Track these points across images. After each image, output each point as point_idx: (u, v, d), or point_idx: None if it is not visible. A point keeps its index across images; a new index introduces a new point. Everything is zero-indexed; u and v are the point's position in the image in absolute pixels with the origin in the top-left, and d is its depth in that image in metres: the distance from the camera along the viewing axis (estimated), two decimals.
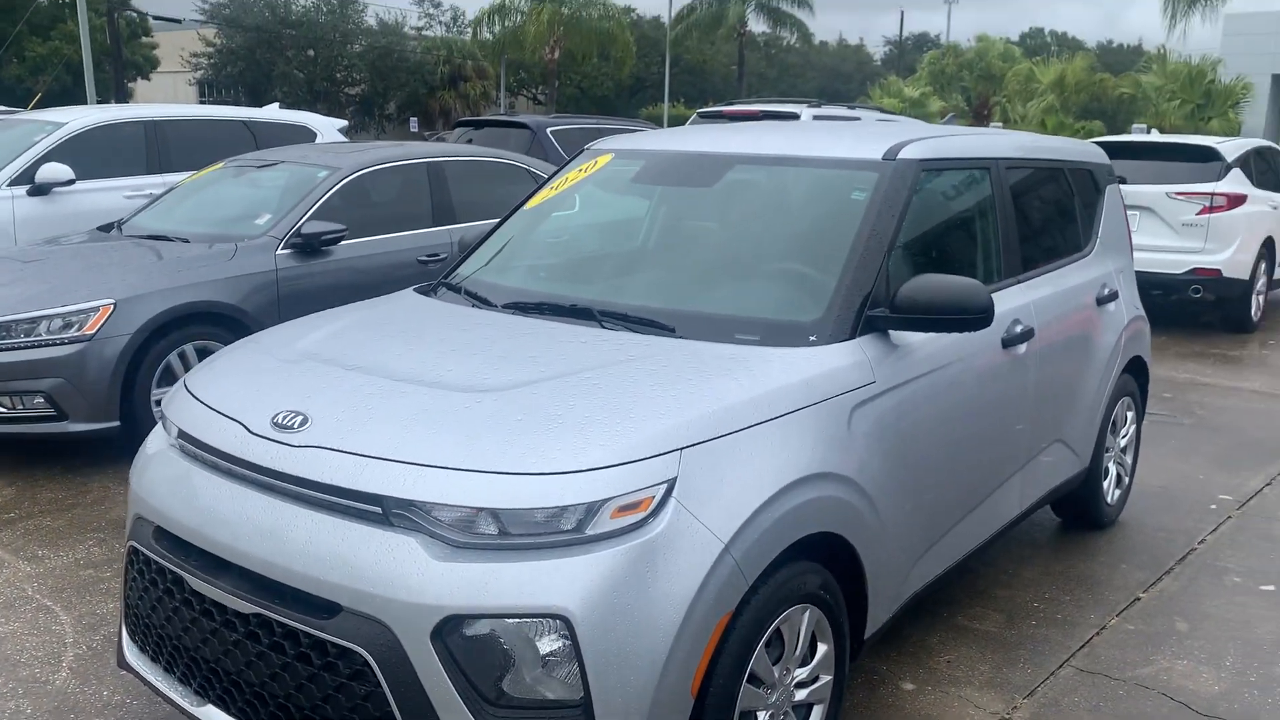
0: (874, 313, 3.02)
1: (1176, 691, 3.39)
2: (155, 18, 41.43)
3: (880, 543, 2.94)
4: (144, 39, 41.01)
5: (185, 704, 2.61)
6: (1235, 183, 9.39)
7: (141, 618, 2.75)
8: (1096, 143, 10.38)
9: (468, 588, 2.22)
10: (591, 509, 2.28)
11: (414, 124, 38.24)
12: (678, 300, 3.25)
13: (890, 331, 3.07)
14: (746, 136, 3.83)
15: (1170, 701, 3.33)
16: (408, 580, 2.25)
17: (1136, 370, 4.77)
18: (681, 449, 2.41)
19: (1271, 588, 4.18)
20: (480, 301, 3.37)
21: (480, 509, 2.28)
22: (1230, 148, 9.74)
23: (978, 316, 2.98)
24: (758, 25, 45.07)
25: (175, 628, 2.61)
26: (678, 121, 33.39)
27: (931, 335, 3.15)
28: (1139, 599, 4.07)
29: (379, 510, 2.33)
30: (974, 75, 37.28)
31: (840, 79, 65.80)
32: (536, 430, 2.40)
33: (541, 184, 4.08)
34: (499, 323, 3.15)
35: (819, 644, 2.79)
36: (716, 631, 2.38)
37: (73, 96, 31.32)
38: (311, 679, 2.35)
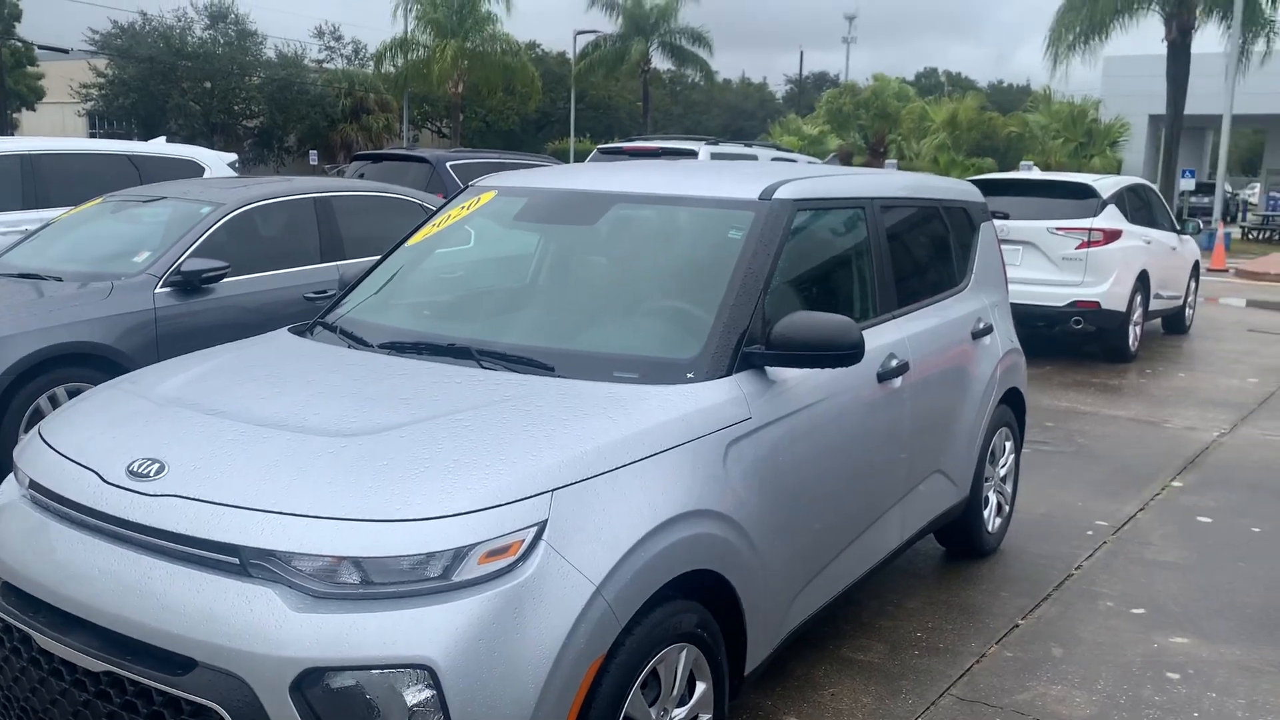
0: (750, 350, 3.05)
1: (1050, 716, 3.47)
2: (41, 47, 40.16)
3: (758, 579, 2.95)
4: (29, 69, 39.61)
5: None
6: (1111, 218, 9.80)
7: None
8: (984, 180, 10.78)
9: (328, 639, 2.16)
10: (458, 555, 2.24)
11: (314, 157, 37.67)
12: (558, 339, 3.24)
13: (766, 368, 3.11)
14: (629, 175, 3.85)
15: None
16: (265, 632, 2.17)
17: (1013, 401, 4.92)
18: (552, 491, 2.39)
19: (1142, 611, 4.32)
20: (356, 341, 3.31)
21: (342, 558, 2.22)
22: (1106, 185, 10.17)
23: (848, 352, 3.02)
24: (663, 63, 45.77)
25: (22, 689, 2.48)
26: (583, 156, 33.69)
27: (807, 371, 3.20)
28: (1018, 625, 4.16)
29: (236, 561, 2.26)
30: (870, 114, 38.39)
31: (743, 116, 67.05)
32: (402, 475, 2.35)
33: (424, 221, 4.04)
34: (373, 363, 3.10)
35: (697, 682, 2.79)
36: (588, 676, 2.36)
37: None
38: None
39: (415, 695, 2.17)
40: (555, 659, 2.27)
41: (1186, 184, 27.14)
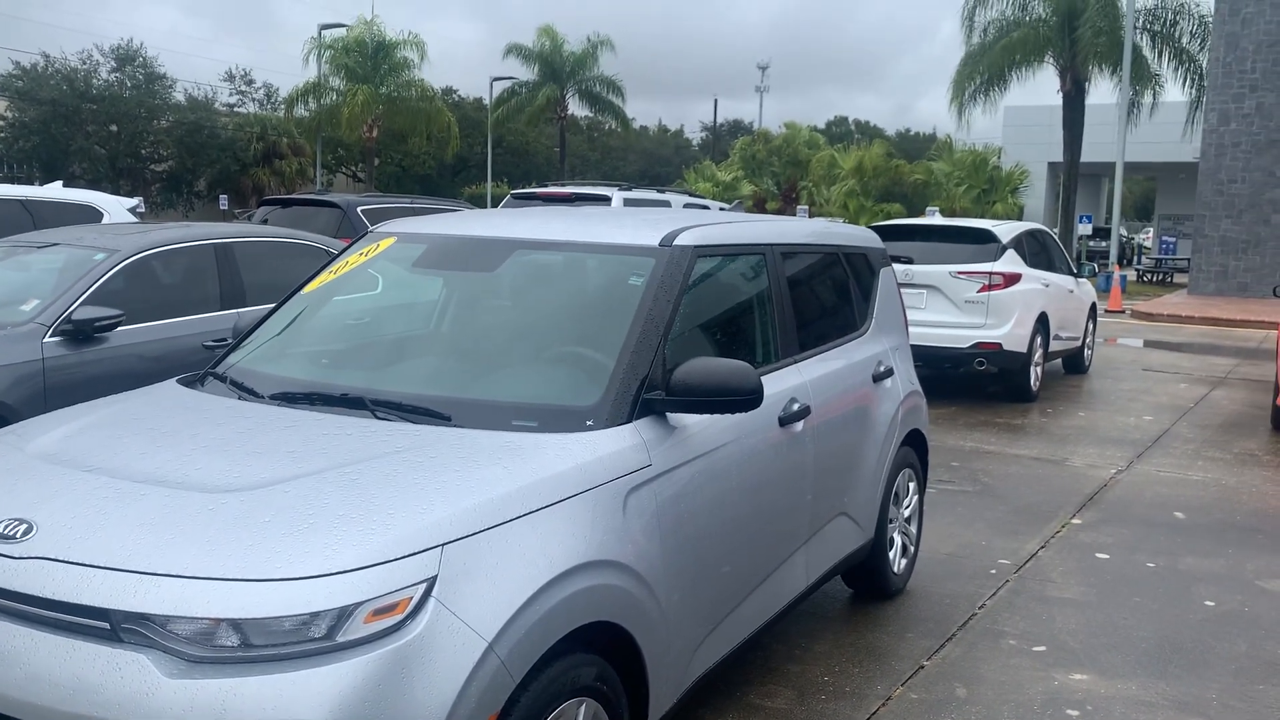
0: (650, 396, 3.05)
1: None
2: None
3: (660, 629, 2.92)
4: None
5: None
6: (1010, 262, 10.10)
7: None
8: (889, 225, 11.04)
9: (203, 707, 2.07)
10: (343, 614, 2.17)
11: (224, 201, 36.96)
12: (456, 387, 3.20)
13: (667, 414, 3.10)
14: (530, 222, 3.84)
15: None
16: (136, 702, 2.07)
17: (915, 443, 4.99)
18: (443, 545, 2.34)
19: (1043, 648, 4.39)
20: (246, 392, 3.22)
21: (220, 619, 2.14)
22: (1005, 230, 10.49)
23: (748, 398, 3.03)
24: (580, 110, 46.17)
25: None
26: (500, 201, 33.73)
27: (708, 416, 3.20)
28: (923, 667, 4.19)
29: (106, 626, 2.15)
30: (782, 161, 39.18)
31: (660, 162, 67.92)
32: (285, 532, 2.28)
33: (321, 267, 3.97)
34: (261, 415, 3.01)
35: None
36: None
37: None
38: None
39: None
40: (446, 719, 2.20)
41: (1084, 229, 28.20)
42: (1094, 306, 12.77)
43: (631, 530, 2.82)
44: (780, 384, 3.72)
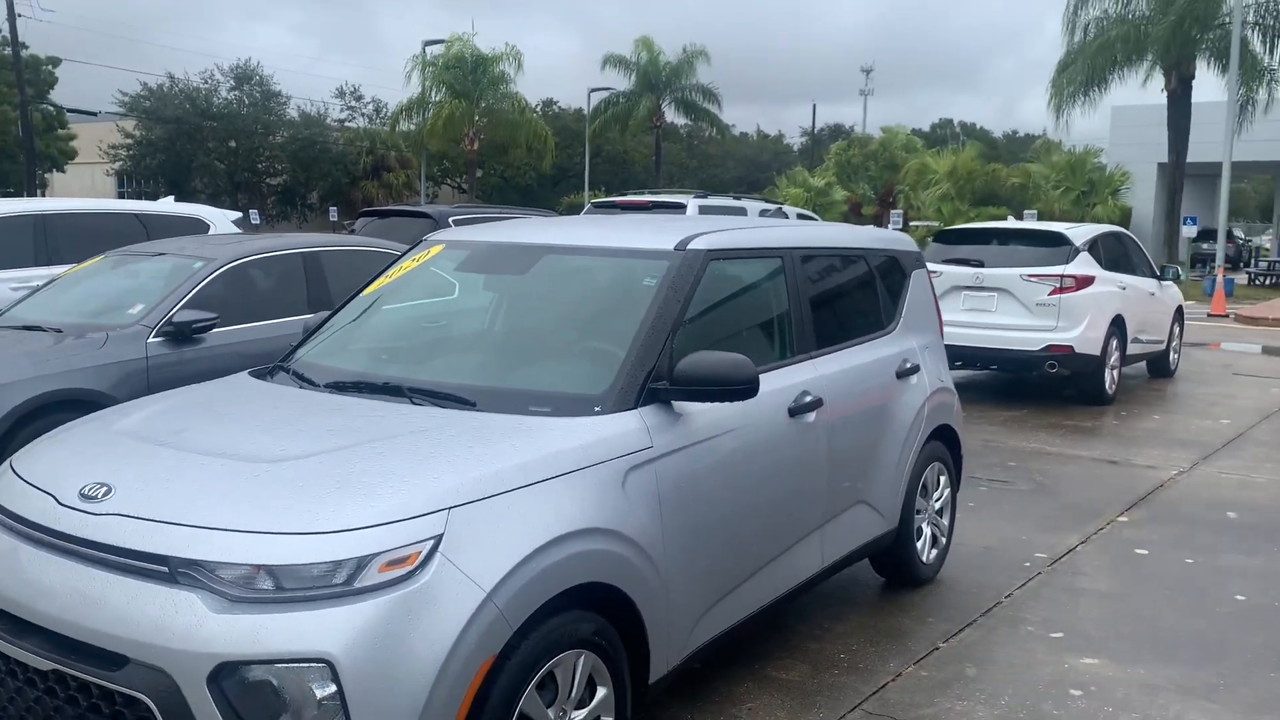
0: (656, 385, 3.37)
1: None
2: (71, 110, 41.43)
3: (660, 594, 3.23)
4: (59, 131, 40.86)
5: None
6: (1083, 265, 10.08)
7: None
8: (960, 229, 11.13)
9: (241, 636, 2.47)
10: (361, 563, 2.55)
11: (333, 213, 38.52)
12: (483, 377, 3.57)
13: (672, 402, 3.41)
14: (562, 229, 4.20)
15: None
16: (187, 631, 2.49)
17: (946, 438, 5.18)
18: (450, 508, 2.70)
19: (1060, 635, 4.55)
20: (305, 382, 3.65)
21: (259, 566, 2.54)
22: (1079, 233, 10.46)
23: (744, 387, 3.33)
24: (677, 118, 46.64)
25: None
26: None
27: (713, 405, 3.50)
28: (938, 649, 4.40)
29: (165, 570, 2.57)
30: (879, 165, 38.93)
31: (758, 168, 67.81)
32: (315, 494, 2.67)
33: (379, 272, 4.40)
34: (314, 401, 3.43)
35: (598, 687, 3.06)
36: (479, 673, 2.64)
37: None
38: None
39: (316, 686, 2.47)
40: (447, 656, 2.56)
41: (1188, 231, 27.36)
42: (1180, 310, 12.55)
43: (632, 504, 3.14)
44: (792, 378, 3.99)
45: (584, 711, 3.02)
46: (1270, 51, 27.09)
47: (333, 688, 2.47)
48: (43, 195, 37.03)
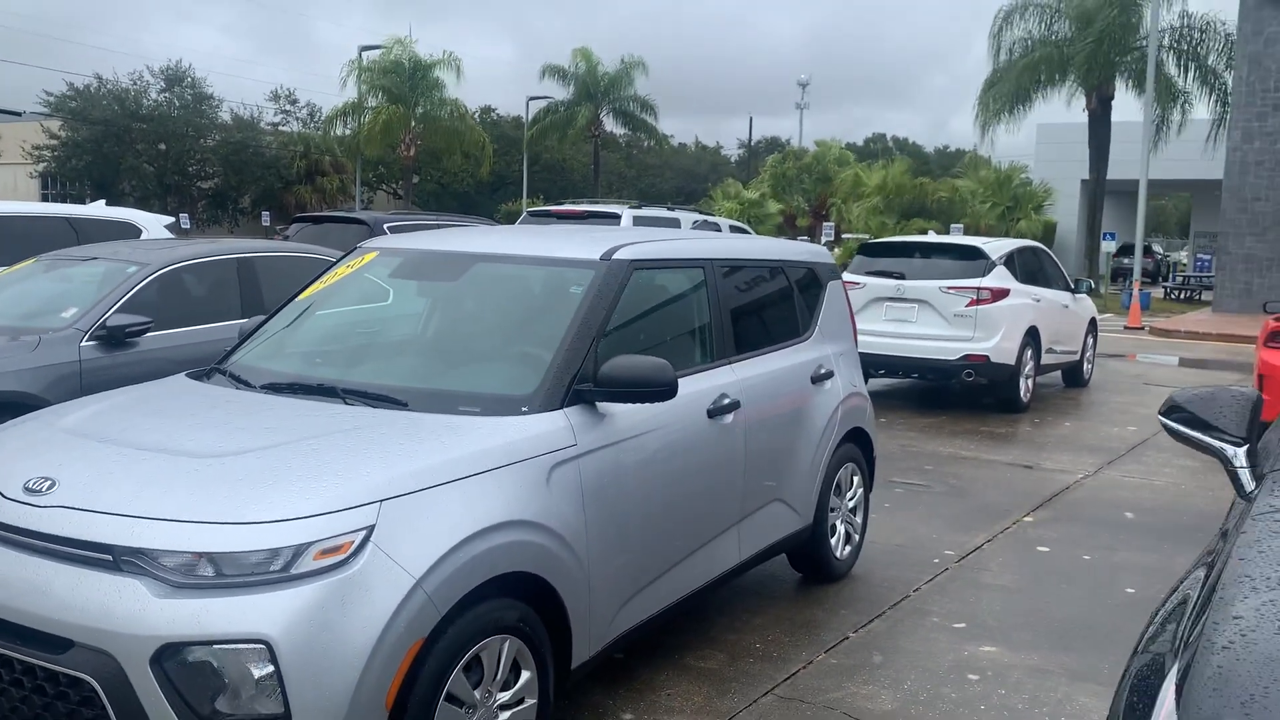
0: (581, 387, 3.57)
1: (855, 710, 3.96)
2: None
3: (582, 584, 3.43)
4: None
5: None
6: (999, 278, 10.52)
7: None
8: (882, 243, 11.53)
9: (182, 620, 2.62)
10: (297, 551, 2.72)
11: (266, 218, 38.10)
12: (415, 379, 3.75)
13: (596, 402, 3.62)
14: (492, 239, 4.39)
15: (848, 718, 3.90)
16: (131, 616, 2.63)
17: (859, 440, 5.46)
18: (381, 501, 2.87)
19: (962, 625, 4.84)
20: (242, 383, 3.79)
21: (200, 553, 2.69)
22: (995, 247, 10.91)
23: (663, 389, 3.55)
24: (616, 128, 46.94)
25: None
26: None
27: (636, 405, 3.72)
28: (848, 638, 4.66)
29: (109, 558, 2.71)
30: (813, 178, 39.62)
31: (695, 179, 68.46)
32: (253, 487, 2.84)
33: (314, 278, 4.55)
34: (250, 401, 3.58)
35: (523, 670, 3.25)
36: (409, 656, 2.82)
37: None
38: (46, 708, 2.69)
39: (254, 667, 2.63)
40: (378, 639, 2.74)
41: (1107, 246, 28.35)
42: (1094, 321, 13.09)
43: (556, 498, 3.34)
44: (711, 381, 4.23)
45: (509, 693, 3.20)
46: (1184, 74, 28.22)
47: (270, 668, 2.63)
48: None
